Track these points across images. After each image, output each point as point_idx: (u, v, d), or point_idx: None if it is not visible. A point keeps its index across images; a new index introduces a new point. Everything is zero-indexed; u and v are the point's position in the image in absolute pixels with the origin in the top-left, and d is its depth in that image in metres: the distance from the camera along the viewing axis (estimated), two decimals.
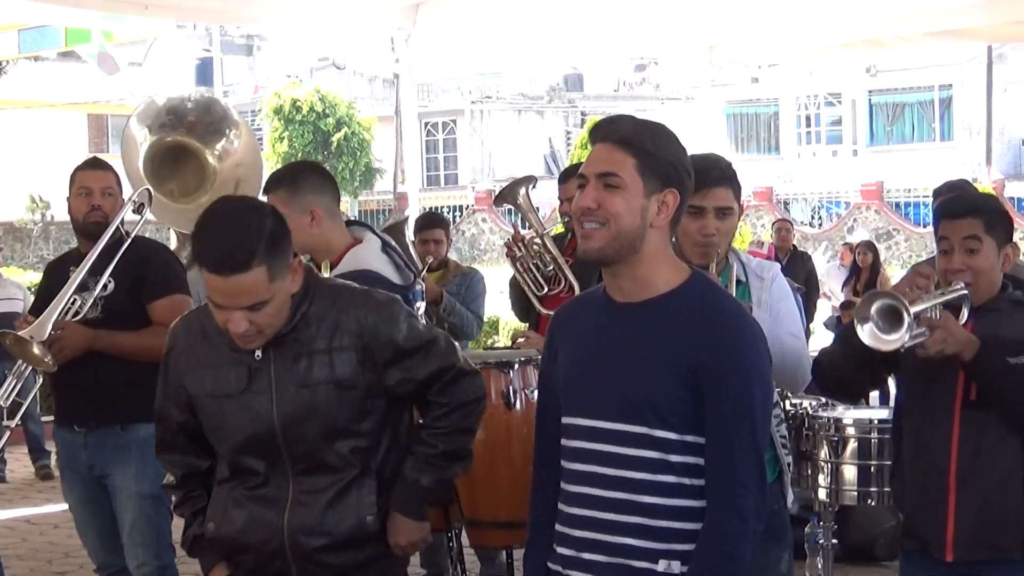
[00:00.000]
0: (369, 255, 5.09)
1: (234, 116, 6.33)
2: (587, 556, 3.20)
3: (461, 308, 7.90)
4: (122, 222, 5.76)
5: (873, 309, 3.92)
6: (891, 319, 3.87)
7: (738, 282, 4.54)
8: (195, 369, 3.76)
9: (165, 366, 3.87)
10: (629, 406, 3.14)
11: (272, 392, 3.66)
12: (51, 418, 6.18)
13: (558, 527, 3.31)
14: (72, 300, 5.53)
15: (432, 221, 8.91)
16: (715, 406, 3.10)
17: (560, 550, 3.29)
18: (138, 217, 5.93)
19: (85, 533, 5.89)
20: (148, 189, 5.96)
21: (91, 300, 5.57)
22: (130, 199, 5.87)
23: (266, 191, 5.74)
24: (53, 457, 8.43)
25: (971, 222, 4.18)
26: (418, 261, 8.19)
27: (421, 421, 3.91)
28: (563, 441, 3.30)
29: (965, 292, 4.12)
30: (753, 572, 3.23)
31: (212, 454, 3.85)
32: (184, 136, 6.14)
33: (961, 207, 4.28)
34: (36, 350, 5.34)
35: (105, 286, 5.60)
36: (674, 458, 3.13)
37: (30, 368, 5.63)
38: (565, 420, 3.29)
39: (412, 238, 8.13)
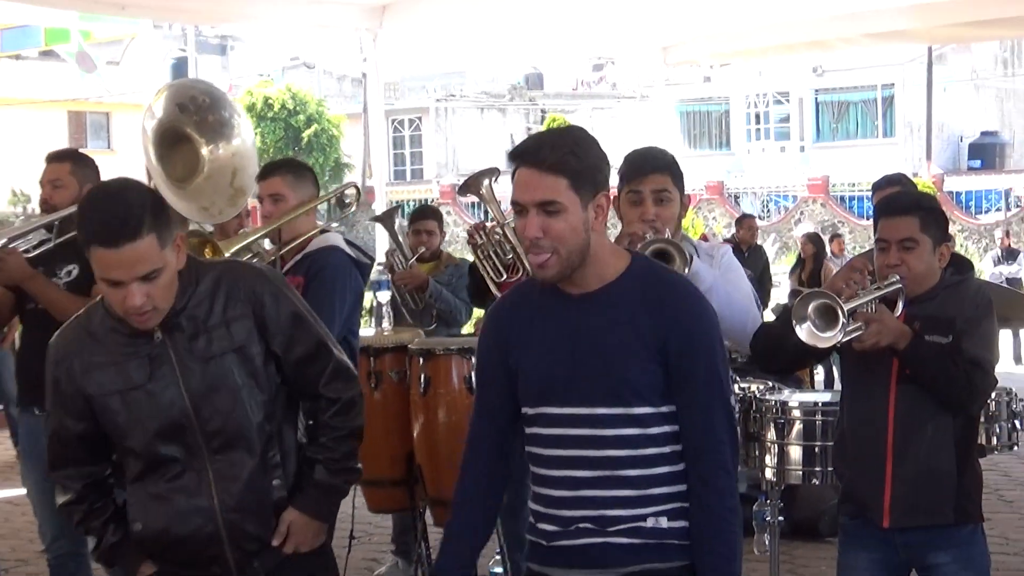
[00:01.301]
0: (336, 239, 5.79)
1: (238, 109, 6.30)
2: (575, 527, 3.21)
3: (447, 295, 7.90)
4: None
5: (810, 308, 3.98)
6: (827, 317, 3.96)
7: None
8: (93, 370, 3.65)
9: (54, 381, 3.74)
10: (608, 389, 3.16)
11: (177, 375, 3.59)
12: None
13: (539, 508, 3.30)
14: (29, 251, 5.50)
15: (425, 213, 8.94)
16: (688, 373, 3.14)
17: (540, 526, 3.29)
18: None
19: (40, 514, 5.84)
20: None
21: (60, 284, 5.55)
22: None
23: (270, 172, 5.80)
24: None
25: (908, 221, 4.23)
26: (407, 250, 8.25)
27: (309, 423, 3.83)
28: (534, 430, 3.29)
29: (900, 286, 4.18)
30: None
31: (109, 459, 3.77)
32: (183, 124, 6.11)
33: (898, 206, 4.31)
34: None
35: (70, 271, 5.57)
36: (653, 430, 3.15)
37: None
38: (535, 410, 3.28)
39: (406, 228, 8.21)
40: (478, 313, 8.43)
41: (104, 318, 3.65)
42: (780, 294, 16.96)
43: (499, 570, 6.99)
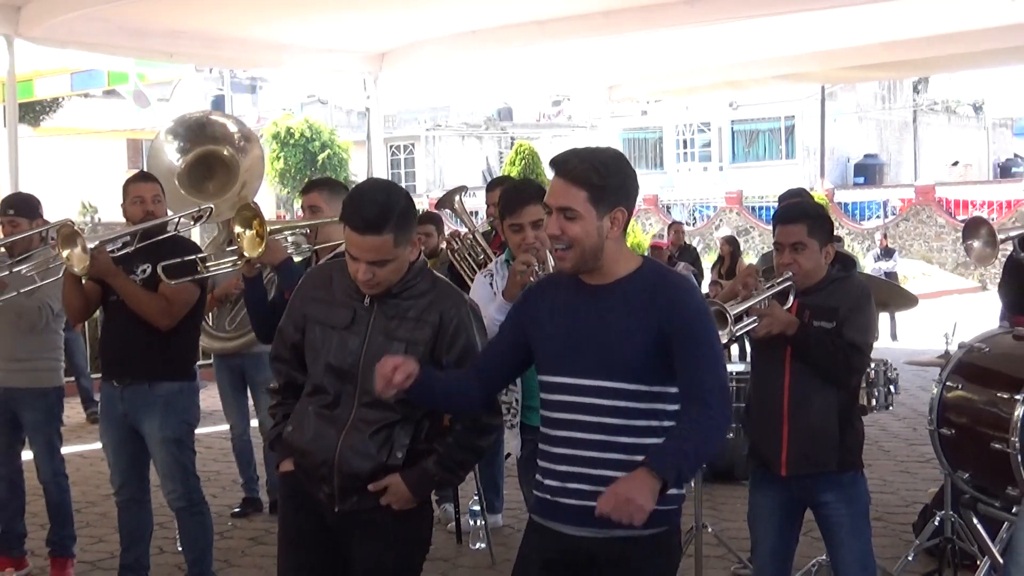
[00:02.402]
0: None
1: (248, 130, 6.28)
2: (572, 486, 3.18)
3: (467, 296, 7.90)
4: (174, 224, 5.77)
5: None
6: (720, 320, 3.97)
7: None
8: (316, 301, 3.76)
9: (295, 296, 3.88)
10: (608, 366, 3.13)
11: (366, 335, 3.63)
12: (99, 375, 6.10)
13: (545, 464, 3.28)
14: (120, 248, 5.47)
15: (423, 219, 8.92)
16: (687, 357, 3.10)
17: (545, 482, 3.26)
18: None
19: (112, 466, 5.81)
20: (211, 207, 5.91)
21: (136, 280, 5.48)
22: (189, 214, 5.85)
23: (312, 188, 5.80)
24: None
25: (797, 228, 4.26)
26: None
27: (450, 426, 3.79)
28: (546, 395, 3.27)
29: (791, 283, 4.23)
30: None
31: (305, 373, 3.80)
32: (214, 145, 6.08)
33: (789, 216, 4.34)
34: (79, 247, 5.20)
35: (144, 270, 5.50)
36: (643, 405, 3.13)
37: (53, 265, 5.50)
38: (547, 378, 3.27)
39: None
40: None
41: (346, 269, 3.68)
42: (703, 285, 17.00)
43: (476, 508, 6.98)
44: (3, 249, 6.18)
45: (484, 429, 3.68)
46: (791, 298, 4.26)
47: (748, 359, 5.27)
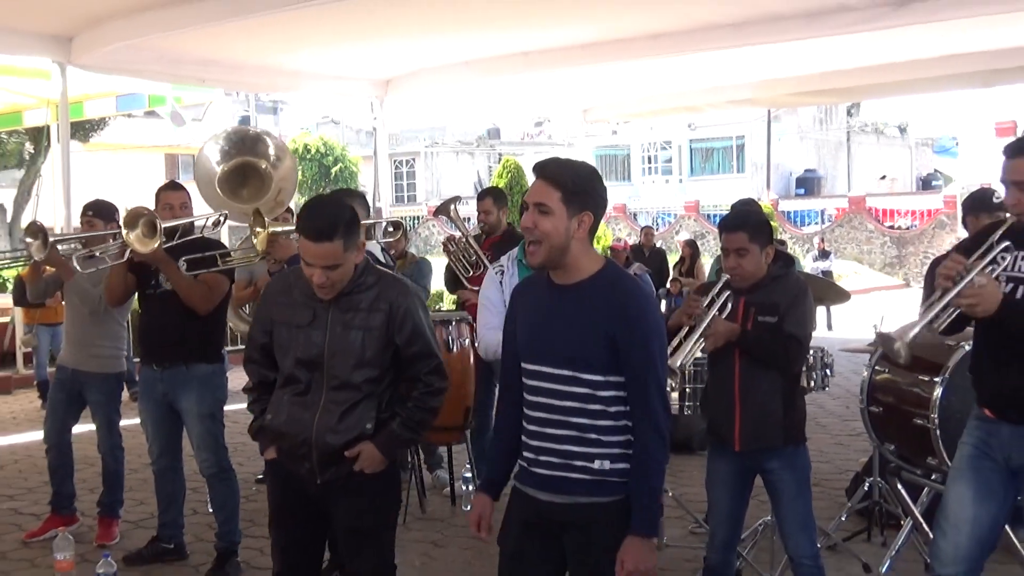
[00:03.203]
0: (374, 247, 5.74)
1: (279, 143, 6.27)
2: (543, 458, 3.18)
3: (411, 283, 7.88)
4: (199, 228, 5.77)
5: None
6: (672, 374, 4.08)
7: None
8: (280, 305, 3.77)
9: (261, 303, 3.90)
10: (567, 357, 3.12)
11: (326, 329, 3.65)
12: (138, 359, 6.11)
13: (524, 439, 3.27)
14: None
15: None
16: (629, 358, 3.09)
17: (524, 454, 3.26)
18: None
19: (151, 438, 5.84)
20: (225, 214, 5.93)
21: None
22: (212, 217, 5.85)
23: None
24: None
25: (739, 235, 4.26)
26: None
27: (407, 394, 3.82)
28: (524, 379, 3.26)
29: (729, 290, 4.28)
30: None
31: (276, 371, 3.81)
32: (251, 156, 6.07)
33: (732, 224, 4.33)
34: (144, 231, 5.28)
35: (180, 266, 5.53)
36: (600, 393, 3.11)
37: (117, 251, 5.51)
38: (524, 365, 3.26)
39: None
40: (433, 297, 8.38)
41: (302, 276, 3.70)
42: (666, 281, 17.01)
43: (468, 475, 6.99)
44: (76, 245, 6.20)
45: (436, 391, 3.73)
46: (729, 303, 4.30)
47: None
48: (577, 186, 3.13)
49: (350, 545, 3.74)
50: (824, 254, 22.16)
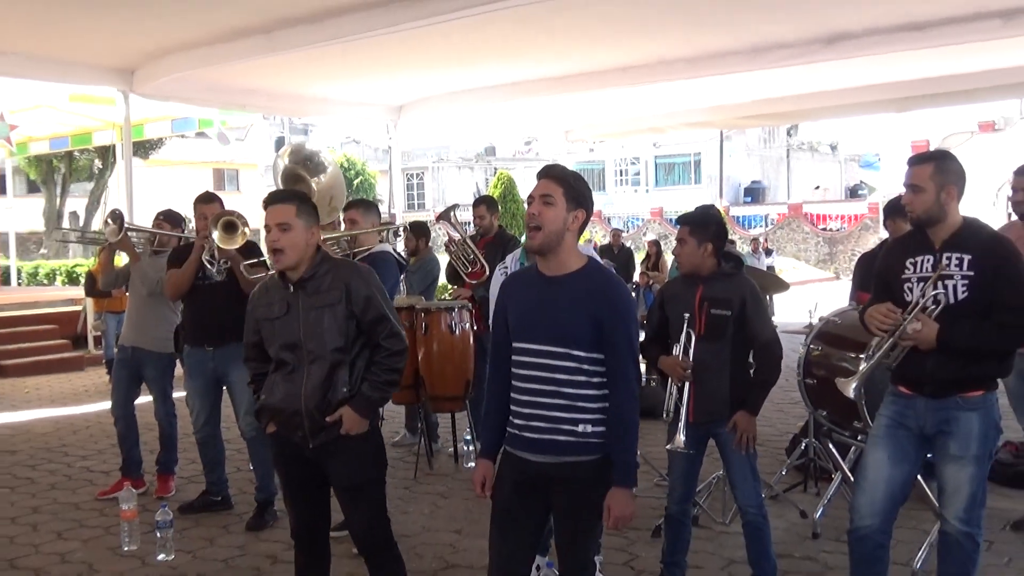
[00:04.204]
0: (388, 247, 5.96)
1: (329, 159, 6.32)
2: (533, 424, 3.15)
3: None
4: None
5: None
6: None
7: None
8: (261, 306, 3.74)
9: (248, 310, 3.83)
10: (559, 336, 3.11)
11: (299, 315, 3.63)
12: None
13: (514, 407, 3.23)
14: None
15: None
16: (611, 337, 3.08)
17: (514, 420, 3.22)
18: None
19: (197, 410, 5.85)
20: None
21: (224, 269, 5.57)
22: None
23: (351, 206, 5.81)
24: None
25: (682, 229, 4.26)
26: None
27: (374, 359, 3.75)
28: (515, 356, 3.22)
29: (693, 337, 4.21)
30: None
31: (269, 363, 3.77)
32: (299, 168, 6.11)
33: (680, 219, 4.32)
34: (222, 230, 5.34)
35: (225, 262, 5.55)
36: (584, 366, 3.10)
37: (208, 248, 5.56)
38: (516, 344, 3.22)
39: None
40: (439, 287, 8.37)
41: (275, 279, 3.74)
42: (635, 274, 16.99)
43: (468, 437, 6.99)
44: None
45: (395, 353, 3.67)
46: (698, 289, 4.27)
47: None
48: (576, 186, 3.17)
49: (345, 501, 3.70)
50: (767, 252, 22.25)
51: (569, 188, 3.14)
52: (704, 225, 4.25)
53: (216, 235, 5.27)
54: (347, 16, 8.05)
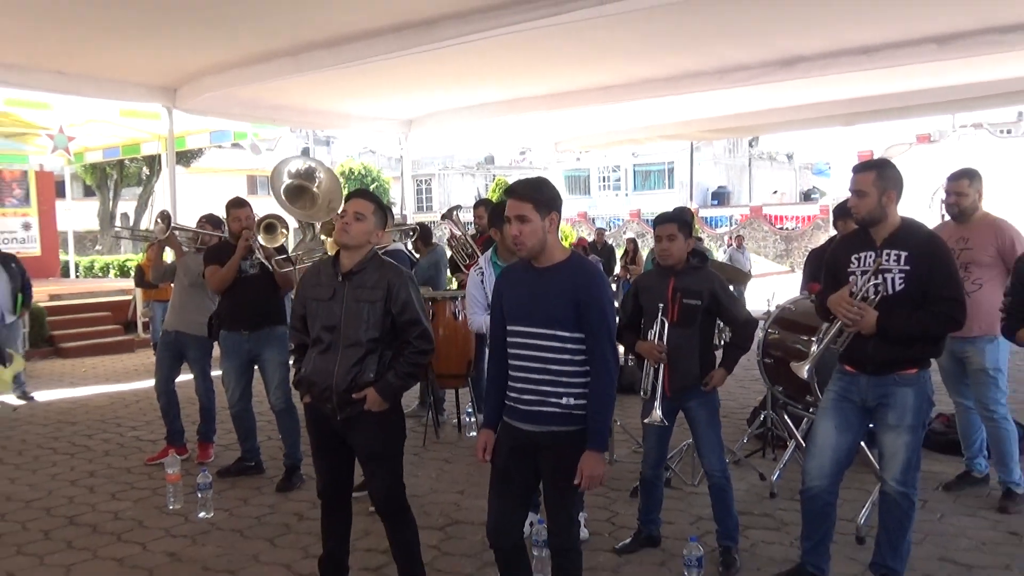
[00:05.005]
0: (400, 246, 6.02)
1: (327, 169, 6.28)
2: (525, 397, 3.15)
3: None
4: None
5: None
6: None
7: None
8: (311, 286, 3.71)
9: (300, 285, 3.82)
10: (545, 318, 3.10)
11: (342, 301, 3.59)
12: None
13: (509, 383, 3.22)
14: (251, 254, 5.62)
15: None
16: (589, 319, 3.07)
17: (510, 394, 3.21)
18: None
19: (232, 387, 5.81)
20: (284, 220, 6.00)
21: (256, 263, 5.61)
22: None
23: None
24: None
25: (670, 226, 4.22)
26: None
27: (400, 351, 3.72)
28: (509, 338, 3.21)
29: (665, 322, 4.17)
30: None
31: (309, 335, 3.74)
32: (304, 181, 6.08)
33: (665, 217, 4.29)
34: (268, 232, 5.52)
35: (258, 262, 5.57)
36: (568, 345, 3.08)
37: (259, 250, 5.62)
38: (510, 327, 3.21)
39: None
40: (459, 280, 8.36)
41: (328, 263, 3.71)
42: (616, 267, 16.97)
43: (470, 409, 6.99)
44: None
45: (421, 351, 3.63)
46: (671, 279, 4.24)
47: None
48: (542, 196, 3.13)
49: (367, 468, 3.69)
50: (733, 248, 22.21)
51: (537, 201, 3.11)
52: (687, 223, 4.26)
53: (260, 236, 5.36)
54: (364, 41, 8.05)
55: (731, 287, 4.34)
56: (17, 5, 7.14)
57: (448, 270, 8.01)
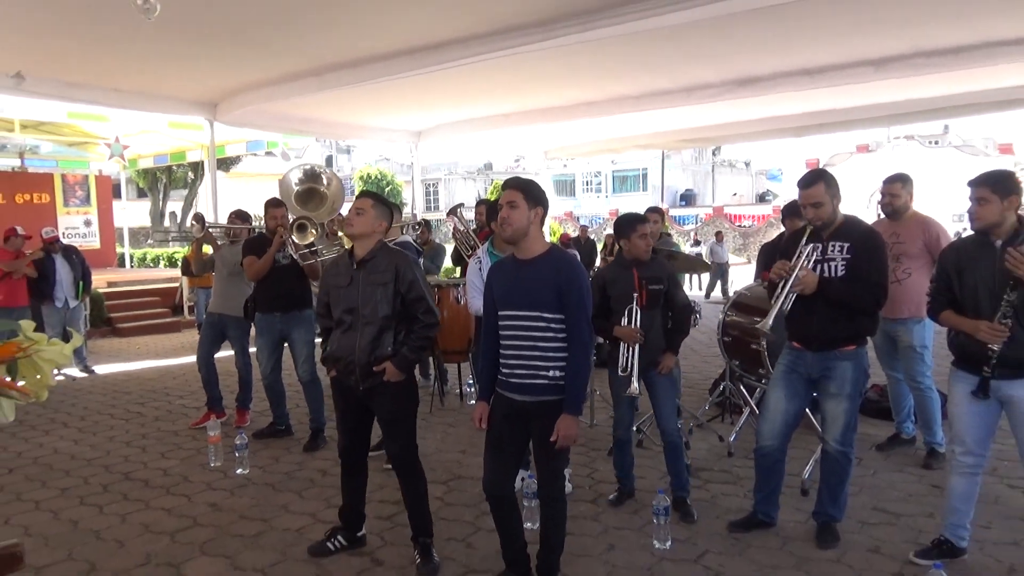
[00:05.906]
0: (408, 238, 5.88)
1: (331, 174, 6.24)
2: (516, 371, 3.14)
3: (411, 255, 7.85)
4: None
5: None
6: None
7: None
8: (332, 275, 3.70)
9: (323, 275, 3.80)
10: (531, 303, 3.09)
11: (359, 287, 3.58)
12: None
13: (501, 360, 3.21)
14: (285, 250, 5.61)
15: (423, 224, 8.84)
16: (569, 302, 3.06)
17: (503, 369, 3.21)
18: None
19: (264, 361, 5.78)
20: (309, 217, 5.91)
21: (288, 256, 5.59)
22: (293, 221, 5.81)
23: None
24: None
25: (648, 224, 4.23)
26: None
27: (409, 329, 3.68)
28: (500, 322, 3.20)
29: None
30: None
31: (332, 320, 3.73)
32: (314, 184, 6.03)
33: (648, 213, 4.29)
34: (298, 232, 5.53)
35: (289, 255, 5.56)
36: (552, 325, 3.08)
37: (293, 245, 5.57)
38: (501, 312, 3.20)
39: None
40: (447, 269, 8.35)
41: (344, 256, 3.70)
42: (596, 260, 16.95)
43: (470, 381, 6.99)
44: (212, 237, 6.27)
45: (428, 325, 3.60)
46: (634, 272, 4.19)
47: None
48: (533, 191, 3.15)
49: (385, 430, 3.68)
50: (696, 243, 22.18)
51: (527, 193, 3.12)
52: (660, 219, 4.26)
53: (293, 235, 5.43)
54: (380, 63, 8.05)
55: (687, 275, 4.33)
56: (81, 32, 7.11)
57: (450, 261, 7.99)
